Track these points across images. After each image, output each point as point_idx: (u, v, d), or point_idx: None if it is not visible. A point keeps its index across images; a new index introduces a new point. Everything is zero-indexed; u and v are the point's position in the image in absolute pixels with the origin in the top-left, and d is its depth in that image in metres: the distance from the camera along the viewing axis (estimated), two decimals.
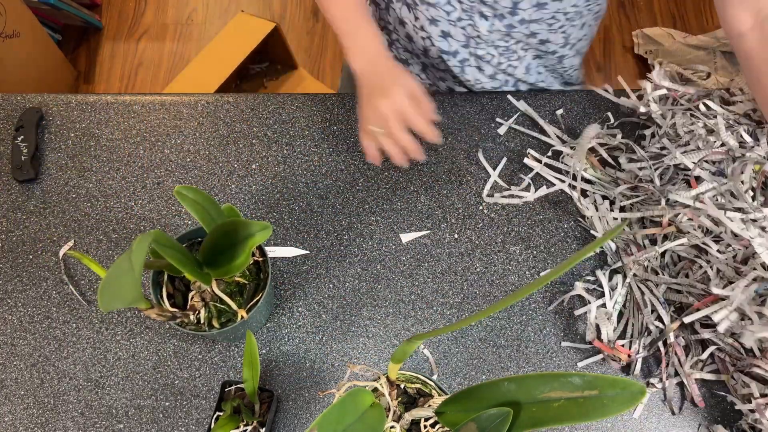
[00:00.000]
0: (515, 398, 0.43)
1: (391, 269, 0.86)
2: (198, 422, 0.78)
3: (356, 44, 0.82)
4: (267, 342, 0.82)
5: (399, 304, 0.84)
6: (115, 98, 0.99)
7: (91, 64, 2.20)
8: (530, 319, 0.84)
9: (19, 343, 0.82)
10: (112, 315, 0.84)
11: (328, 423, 0.46)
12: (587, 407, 0.39)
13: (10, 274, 0.86)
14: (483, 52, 0.92)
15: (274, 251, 0.85)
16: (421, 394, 0.61)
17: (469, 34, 0.88)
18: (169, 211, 0.90)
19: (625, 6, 2.30)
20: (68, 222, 0.89)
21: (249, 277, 0.75)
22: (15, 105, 0.97)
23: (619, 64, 2.19)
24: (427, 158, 0.94)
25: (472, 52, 0.92)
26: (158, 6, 2.31)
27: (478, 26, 0.86)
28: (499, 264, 0.87)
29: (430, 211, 0.90)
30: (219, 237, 0.64)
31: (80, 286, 0.85)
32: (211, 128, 0.96)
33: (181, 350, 0.82)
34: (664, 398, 0.78)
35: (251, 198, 0.91)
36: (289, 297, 0.85)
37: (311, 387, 0.80)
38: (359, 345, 0.82)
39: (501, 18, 0.84)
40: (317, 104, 0.98)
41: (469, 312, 0.84)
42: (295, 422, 0.78)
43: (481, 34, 0.87)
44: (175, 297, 0.73)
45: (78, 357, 0.81)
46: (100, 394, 0.79)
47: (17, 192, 0.92)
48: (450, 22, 0.87)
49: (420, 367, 0.81)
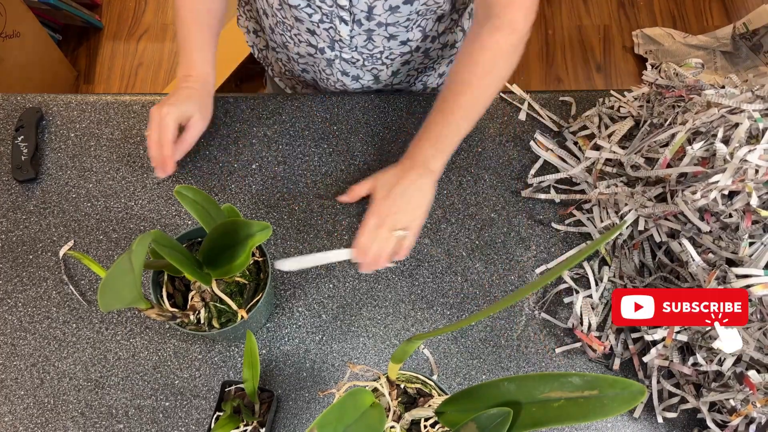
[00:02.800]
0: (515, 398, 0.43)
1: (391, 269, 0.86)
2: (198, 422, 0.78)
3: (184, 56, 0.86)
4: (267, 342, 0.82)
5: (399, 304, 0.84)
6: (115, 98, 0.99)
7: (91, 64, 2.20)
8: (530, 319, 0.84)
9: (19, 343, 0.82)
10: (112, 315, 0.84)
11: (328, 423, 0.46)
12: (587, 407, 0.39)
13: (10, 274, 0.86)
14: (348, 56, 0.93)
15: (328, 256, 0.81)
16: (421, 394, 0.61)
17: (332, 37, 0.89)
18: (169, 211, 0.90)
19: (625, 6, 2.30)
20: (68, 222, 0.89)
21: (249, 277, 0.75)
22: (15, 105, 0.97)
23: (619, 64, 2.19)
24: None
25: (337, 54, 0.93)
26: (158, 6, 2.31)
27: (339, 30, 0.87)
28: (499, 264, 0.87)
29: (430, 211, 0.90)
30: (219, 237, 0.64)
31: (80, 286, 0.85)
32: (211, 128, 0.96)
33: (181, 350, 0.82)
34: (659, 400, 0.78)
35: (251, 198, 0.91)
36: (289, 297, 0.85)
37: (311, 387, 0.80)
38: (359, 345, 0.82)
39: (359, 24, 0.85)
40: (317, 104, 0.98)
41: (469, 312, 0.84)
42: (295, 422, 0.78)
43: (343, 38, 0.88)
44: (175, 297, 0.73)
45: (78, 357, 0.81)
46: (100, 394, 0.79)
47: (17, 192, 0.92)
48: (313, 23, 0.88)
49: (420, 367, 0.81)
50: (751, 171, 0.71)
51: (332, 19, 0.85)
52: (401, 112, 0.97)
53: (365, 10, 0.82)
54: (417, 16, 0.85)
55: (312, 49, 0.94)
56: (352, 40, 0.88)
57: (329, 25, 0.86)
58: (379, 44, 0.90)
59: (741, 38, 2.05)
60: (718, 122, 0.78)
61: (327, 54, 0.93)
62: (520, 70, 2.13)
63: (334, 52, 0.92)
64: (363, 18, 0.84)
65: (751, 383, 0.68)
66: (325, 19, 0.85)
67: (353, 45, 0.89)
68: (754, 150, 0.72)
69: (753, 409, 0.68)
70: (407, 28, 0.87)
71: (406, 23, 0.86)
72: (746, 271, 0.69)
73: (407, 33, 0.88)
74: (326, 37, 0.90)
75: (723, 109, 0.79)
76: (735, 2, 2.29)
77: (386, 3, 0.81)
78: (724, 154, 0.74)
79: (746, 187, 0.70)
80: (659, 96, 0.90)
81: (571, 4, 2.32)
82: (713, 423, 0.72)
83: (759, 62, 2.03)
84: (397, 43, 0.90)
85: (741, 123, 0.75)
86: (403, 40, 0.90)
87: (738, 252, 0.71)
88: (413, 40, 0.90)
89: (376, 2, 0.81)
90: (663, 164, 0.79)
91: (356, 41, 0.89)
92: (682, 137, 0.78)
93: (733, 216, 0.73)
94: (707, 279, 0.71)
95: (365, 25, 0.85)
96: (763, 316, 0.69)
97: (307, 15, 0.86)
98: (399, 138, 0.95)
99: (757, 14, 2.00)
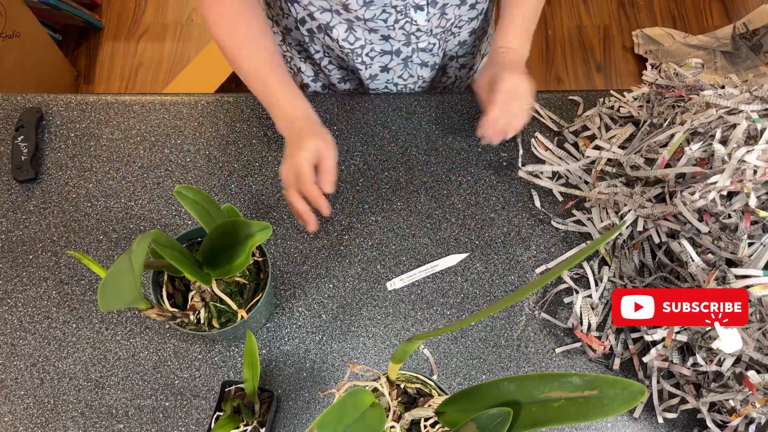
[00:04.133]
0: (515, 398, 0.43)
1: (391, 269, 0.86)
2: (198, 422, 0.78)
3: (275, 108, 0.82)
4: (267, 342, 0.82)
5: (399, 304, 0.84)
6: (115, 98, 0.99)
7: (91, 64, 2.20)
8: (530, 319, 0.84)
9: (19, 343, 0.82)
10: (112, 315, 0.84)
11: (328, 423, 0.46)
12: (587, 407, 0.39)
13: (10, 274, 0.86)
14: (425, 44, 0.93)
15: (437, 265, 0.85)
16: (421, 394, 0.61)
17: (408, 31, 0.90)
18: (169, 211, 0.90)
19: (625, 6, 2.30)
20: (68, 222, 0.89)
21: (249, 277, 0.75)
22: (15, 105, 0.97)
23: (619, 64, 2.19)
24: (427, 158, 0.94)
25: (414, 48, 0.93)
26: (158, 6, 2.31)
27: (416, 20, 0.87)
28: (499, 264, 0.87)
29: (430, 211, 0.90)
30: (219, 237, 0.64)
31: (80, 286, 0.85)
32: (211, 128, 0.96)
33: (181, 350, 0.82)
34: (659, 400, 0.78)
35: (251, 198, 0.91)
36: (289, 297, 0.85)
37: (311, 387, 0.80)
38: (359, 345, 0.82)
39: (434, 4, 0.86)
40: (317, 104, 0.98)
41: (469, 312, 0.84)
42: (295, 422, 0.78)
43: (421, 26, 0.89)
44: (175, 297, 0.73)
45: (78, 357, 0.81)
46: (100, 394, 0.79)
47: (17, 192, 0.92)
48: (388, 28, 0.88)
49: (420, 367, 0.81)
50: (750, 172, 0.71)
51: (407, 12, 0.85)
52: (401, 112, 0.97)
53: None
54: None
55: (387, 57, 0.94)
56: (428, 23, 0.89)
57: (405, 21, 0.87)
58: (451, 16, 0.90)
59: (741, 38, 2.05)
60: (716, 123, 0.78)
61: (403, 53, 0.94)
62: None
63: (410, 47, 0.93)
64: None
65: (751, 384, 0.68)
66: (399, 17, 0.86)
67: (429, 29, 0.90)
68: (753, 151, 0.72)
69: (752, 410, 0.68)
70: None
71: None
72: (745, 272, 0.69)
73: None
74: (401, 35, 0.90)
75: (721, 109, 0.79)
76: (735, 2, 2.29)
77: None
78: (722, 154, 0.74)
79: (744, 188, 0.70)
80: (659, 96, 0.90)
81: (571, 4, 2.32)
82: (713, 423, 0.72)
83: (759, 62, 2.03)
84: (467, 8, 0.91)
85: (739, 124, 0.75)
86: (473, 4, 0.91)
87: (737, 252, 0.71)
88: (481, 1, 0.92)
89: None
90: (661, 165, 0.79)
91: (432, 23, 0.89)
92: (680, 138, 0.78)
93: (732, 217, 0.73)
94: (707, 279, 0.71)
95: (439, 3, 0.86)
96: (762, 316, 0.69)
97: (383, 22, 0.86)
98: (399, 138, 0.95)
99: (757, 14, 2.00)
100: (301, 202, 0.78)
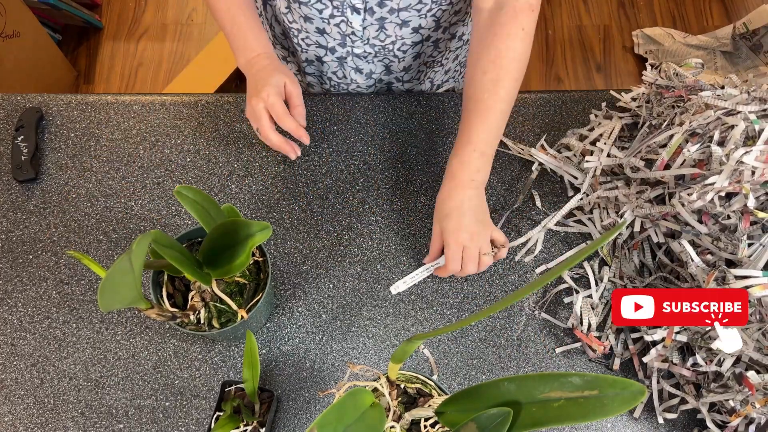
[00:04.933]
0: (515, 398, 0.43)
1: (391, 269, 0.86)
2: (198, 422, 0.78)
3: (239, 44, 0.84)
4: (267, 342, 0.82)
5: (399, 304, 0.85)
6: (115, 98, 0.99)
7: (91, 64, 2.20)
8: (530, 319, 0.84)
9: (19, 343, 0.82)
10: (112, 315, 0.84)
11: (328, 423, 0.46)
12: (587, 407, 0.39)
13: (10, 274, 0.86)
14: (360, 51, 0.93)
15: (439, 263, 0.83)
16: (421, 394, 0.61)
17: (344, 32, 0.89)
18: (169, 211, 0.90)
19: (625, 6, 2.30)
20: (68, 222, 0.89)
21: (249, 277, 0.75)
22: (15, 105, 0.97)
23: (619, 64, 2.19)
24: (427, 158, 0.94)
25: (349, 51, 0.93)
26: (158, 6, 2.31)
27: (351, 22, 0.87)
28: (499, 264, 0.87)
29: (430, 211, 0.90)
30: (219, 237, 0.64)
31: (80, 286, 0.85)
32: (211, 128, 0.96)
33: (181, 350, 0.82)
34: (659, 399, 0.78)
35: (251, 198, 0.91)
36: (289, 297, 0.85)
37: (311, 387, 0.80)
38: (359, 345, 0.82)
39: (372, 12, 0.85)
40: (317, 104, 0.98)
41: (469, 312, 0.84)
42: (295, 422, 0.78)
43: (356, 30, 0.88)
44: (175, 297, 0.73)
45: (78, 357, 0.81)
46: (100, 394, 0.79)
47: (17, 192, 0.92)
48: (323, 20, 0.88)
49: (420, 367, 0.81)
50: (748, 173, 0.71)
51: (344, 10, 0.85)
52: (401, 112, 0.97)
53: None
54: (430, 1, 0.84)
55: (321, 50, 0.94)
56: (364, 31, 0.88)
57: (340, 19, 0.86)
58: (391, 33, 0.89)
59: (741, 38, 2.05)
60: (714, 124, 0.78)
61: (338, 52, 0.93)
62: None
63: (345, 48, 0.92)
64: (375, 5, 0.83)
65: (750, 384, 0.68)
66: (336, 12, 0.85)
67: (365, 37, 0.89)
68: (751, 152, 0.72)
69: (752, 410, 0.68)
70: (419, 13, 0.86)
71: (419, 6, 0.85)
72: (745, 272, 0.69)
73: (420, 19, 0.88)
74: (337, 34, 0.89)
75: (719, 110, 0.79)
76: (735, 2, 2.29)
77: None
78: (719, 156, 0.74)
79: (743, 189, 0.70)
80: (659, 96, 0.90)
81: (571, 4, 2.32)
82: (713, 423, 0.72)
83: (759, 62, 2.03)
84: (409, 31, 0.90)
85: (736, 125, 0.75)
86: (416, 27, 0.89)
87: (737, 253, 0.71)
88: (425, 27, 0.90)
89: None
90: (660, 166, 0.79)
91: (368, 32, 0.89)
92: (678, 139, 0.78)
93: (732, 218, 0.73)
94: (706, 280, 0.71)
95: (378, 13, 0.85)
96: (762, 316, 0.69)
97: (318, 11, 0.86)
98: (399, 138, 0.95)
99: (757, 14, 2.00)
100: (278, 135, 0.80)
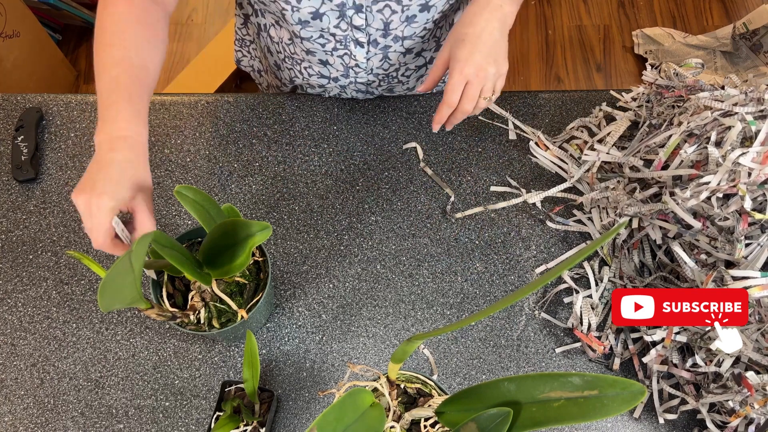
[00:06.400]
0: (515, 398, 0.43)
1: (391, 269, 0.86)
2: (198, 422, 0.78)
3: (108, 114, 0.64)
4: (267, 342, 0.82)
5: (399, 304, 0.85)
6: None
7: (91, 64, 2.19)
8: (530, 319, 0.84)
9: (19, 343, 0.82)
10: (112, 315, 0.84)
11: (328, 423, 0.46)
12: (587, 407, 0.39)
13: (10, 274, 0.86)
14: (363, 80, 0.91)
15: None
16: (421, 394, 0.61)
17: (347, 64, 0.87)
18: (169, 211, 0.90)
19: (625, 6, 2.30)
20: (68, 222, 0.89)
21: (249, 277, 0.75)
22: (15, 105, 0.97)
23: (619, 64, 2.19)
24: (427, 158, 0.94)
25: (352, 80, 0.91)
26: None
27: (355, 55, 0.85)
28: (499, 264, 0.87)
29: (430, 211, 0.90)
30: (219, 237, 0.64)
31: (80, 286, 0.85)
32: (211, 128, 0.96)
33: (181, 350, 0.82)
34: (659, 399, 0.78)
35: (251, 198, 0.91)
36: (289, 297, 0.85)
37: (311, 387, 0.80)
38: (359, 345, 0.82)
39: (375, 44, 0.83)
40: (317, 104, 0.98)
41: (469, 312, 0.84)
42: (295, 422, 0.78)
43: (359, 62, 0.86)
44: (175, 297, 0.73)
45: (78, 357, 0.81)
46: (100, 394, 0.79)
47: (17, 192, 0.92)
48: (326, 53, 0.86)
49: (420, 367, 0.81)
50: (744, 174, 0.71)
51: (347, 44, 0.83)
52: (401, 112, 0.97)
53: (381, 27, 0.80)
54: (433, 25, 0.83)
55: (324, 80, 0.93)
56: (368, 62, 0.87)
57: (343, 52, 0.85)
58: (395, 61, 0.88)
59: (741, 38, 2.05)
60: (711, 125, 0.78)
61: (341, 81, 0.92)
62: (519, 70, 2.13)
63: (348, 79, 0.91)
64: (379, 36, 0.82)
65: (749, 384, 0.68)
66: (339, 46, 0.84)
67: (369, 68, 0.88)
68: (747, 153, 0.72)
69: (751, 411, 0.68)
70: (423, 39, 0.85)
71: (423, 33, 0.83)
72: (743, 273, 0.69)
73: (422, 44, 0.86)
74: (340, 65, 0.88)
75: (716, 111, 0.79)
76: (735, 2, 2.29)
77: (403, 14, 0.78)
78: (716, 157, 0.74)
79: (739, 190, 0.70)
80: (659, 96, 0.90)
81: (571, 3, 2.32)
82: (713, 424, 0.72)
83: (759, 62, 2.03)
84: (412, 56, 0.89)
85: (733, 126, 0.75)
86: (418, 52, 0.88)
87: (734, 254, 0.71)
88: (427, 50, 0.89)
89: (392, 16, 0.78)
90: (658, 166, 0.79)
91: (372, 63, 0.87)
92: (676, 140, 0.78)
93: (729, 219, 0.73)
94: (704, 281, 0.71)
95: (381, 44, 0.83)
96: (761, 317, 0.69)
97: (320, 45, 0.84)
98: (399, 138, 0.95)
99: (757, 14, 2.00)
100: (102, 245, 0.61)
